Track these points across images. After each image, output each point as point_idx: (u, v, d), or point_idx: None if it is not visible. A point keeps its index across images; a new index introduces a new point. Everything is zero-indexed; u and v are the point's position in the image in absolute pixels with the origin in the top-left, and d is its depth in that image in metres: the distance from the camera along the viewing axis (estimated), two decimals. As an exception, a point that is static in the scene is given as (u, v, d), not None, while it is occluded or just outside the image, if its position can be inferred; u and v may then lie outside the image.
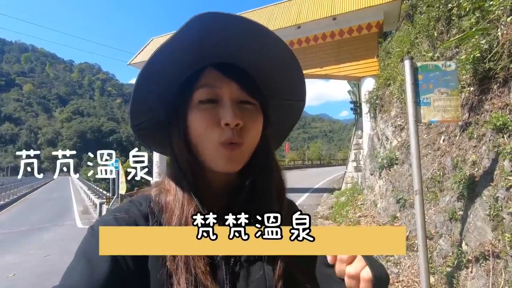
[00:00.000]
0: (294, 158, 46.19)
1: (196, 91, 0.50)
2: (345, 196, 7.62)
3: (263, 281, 0.49)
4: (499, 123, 2.38)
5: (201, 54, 0.49)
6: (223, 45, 0.48)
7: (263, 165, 0.55)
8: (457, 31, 3.57)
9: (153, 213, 0.50)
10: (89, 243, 0.46)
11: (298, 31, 10.22)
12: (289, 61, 0.53)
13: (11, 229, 10.39)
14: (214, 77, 0.50)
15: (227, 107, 0.48)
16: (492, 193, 2.30)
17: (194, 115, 0.50)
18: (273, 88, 0.58)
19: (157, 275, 0.45)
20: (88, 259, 0.43)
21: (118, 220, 0.48)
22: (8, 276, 5.16)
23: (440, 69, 2.49)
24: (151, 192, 0.55)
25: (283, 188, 0.58)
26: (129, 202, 0.53)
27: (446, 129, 3.43)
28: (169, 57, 0.47)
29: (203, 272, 0.46)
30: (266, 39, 0.49)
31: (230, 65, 0.52)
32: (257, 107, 0.53)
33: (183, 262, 0.46)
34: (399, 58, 5.68)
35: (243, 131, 0.50)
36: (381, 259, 3.45)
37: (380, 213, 4.77)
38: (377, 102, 6.48)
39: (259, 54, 0.51)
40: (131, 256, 0.45)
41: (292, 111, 0.63)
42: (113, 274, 0.42)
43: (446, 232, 2.85)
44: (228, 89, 0.50)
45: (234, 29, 0.45)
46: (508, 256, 2.05)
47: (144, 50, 14.33)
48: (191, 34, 0.44)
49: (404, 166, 4.32)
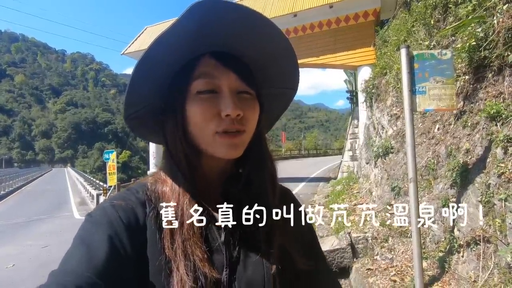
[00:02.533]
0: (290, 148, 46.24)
1: (194, 81, 0.50)
2: (341, 185, 7.70)
3: (261, 264, 0.51)
4: (493, 111, 2.41)
5: (197, 42, 0.49)
6: (219, 33, 0.48)
7: (257, 154, 0.56)
8: (453, 19, 3.56)
9: (150, 200, 0.51)
10: (87, 229, 0.46)
11: (294, 19, 10.09)
12: (284, 51, 0.53)
13: (9, 221, 10.39)
14: (212, 66, 0.50)
15: (227, 98, 0.49)
16: (484, 180, 2.35)
17: (193, 105, 0.49)
18: (267, 76, 0.58)
19: (155, 262, 0.46)
20: (87, 244, 0.43)
21: (115, 207, 0.48)
22: (7, 266, 5.20)
23: (436, 58, 2.50)
24: (147, 181, 0.55)
25: (275, 175, 0.59)
26: (126, 190, 0.54)
27: (441, 117, 3.46)
28: (166, 46, 0.46)
29: (200, 259, 0.47)
30: (262, 28, 0.48)
31: (227, 54, 0.51)
32: (254, 96, 0.53)
33: (181, 249, 0.47)
34: (396, 46, 5.66)
35: (243, 120, 0.50)
36: (375, 245, 3.54)
37: (375, 201, 4.85)
38: (373, 91, 6.48)
39: (255, 43, 0.51)
40: (129, 243, 0.45)
41: (283, 99, 0.64)
42: (112, 259, 0.43)
43: (439, 219, 2.92)
44: (227, 79, 0.50)
45: (230, 17, 0.45)
46: (498, 241, 2.12)
47: (138, 39, 14.07)
48: (189, 23, 0.44)
49: (399, 155, 4.37)
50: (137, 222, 0.48)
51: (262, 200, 0.54)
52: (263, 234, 0.53)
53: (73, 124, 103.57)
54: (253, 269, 0.50)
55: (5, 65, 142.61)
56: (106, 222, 0.46)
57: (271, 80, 0.59)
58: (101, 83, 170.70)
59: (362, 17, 9.37)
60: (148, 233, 0.48)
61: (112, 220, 0.46)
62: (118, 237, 0.45)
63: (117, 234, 0.45)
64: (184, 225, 0.48)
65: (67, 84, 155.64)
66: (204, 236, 0.50)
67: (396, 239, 3.44)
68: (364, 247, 3.60)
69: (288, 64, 0.56)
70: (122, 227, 0.46)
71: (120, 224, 0.46)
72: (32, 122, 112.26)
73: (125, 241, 0.45)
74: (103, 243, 0.43)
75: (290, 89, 0.61)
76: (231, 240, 0.51)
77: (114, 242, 0.44)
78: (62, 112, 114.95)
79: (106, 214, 0.48)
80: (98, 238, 0.44)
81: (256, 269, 0.50)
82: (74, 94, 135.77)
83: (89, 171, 66.68)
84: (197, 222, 0.49)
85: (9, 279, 4.62)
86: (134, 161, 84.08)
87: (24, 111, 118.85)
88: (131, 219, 0.48)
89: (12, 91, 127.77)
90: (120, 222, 0.47)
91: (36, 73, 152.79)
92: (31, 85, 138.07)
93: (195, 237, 0.48)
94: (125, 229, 0.46)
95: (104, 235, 0.44)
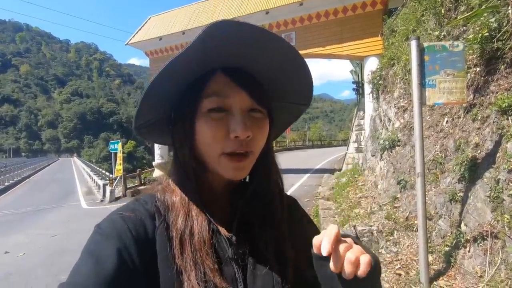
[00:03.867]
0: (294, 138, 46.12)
1: (205, 99, 0.49)
2: (346, 177, 7.68)
3: (270, 276, 0.51)
4: (505, 105, 2.35)
5: (209, 59, 0.48)
6: (231, 51, 0.47)
7: (265, 167, 0.56)
8: (465, 8, 3.45)
9: (159, 212, 0.51)
10: (96, 242, 0.46)
11: (300, 8, 9.90)
12: (297, 67, 0.52)
13: (18, 210, 10.62)
14: (224, 84, 0.49)
15: (238, 119, 0.48)
16: (493, 175, 2.32)
17: (203, 124, 0.49)
18: (280, 92, 0.57)
19: (167, 273, 0.46)
20: (95, 258, 0.43)
21: (125, 219, 0.48)
22: (18, 255, 5.34)
23: (447, 50, 2.44)
24: (155, 191, 0.55)
25: (281, 184, 0.59)
26: (135, 200, 0.54)
27: (449, 110, 3.40)
28: (179, 65, 0.46)
29: (211, 270, 0.46)
30: (274, 45, 0.47)
31: (239, 71, 0.50)
32: (265, 114, 0.52)
33: (191, 259, 0.46)
34: (404, 36, 5.53)
35: (251, 141, 0.50)
36: (381, 238, 3.54)
37: (381, 194, 4.83)
38: (380, 82, 6.38)
39: (267, 60, 0.50)
40: (138, 256, 0.45)
41: (294, 112, 0.63)
42: (121, 273, 0.42)
43: (445, 213, 2.90)
44: (239, 98, 0.49)
45: (242, 35, 0.44)
46: (506, 237, 2.10)
47: (142, 29, 13.98)
48: (201, 42, 0.43)
49: (406, 148, 4.33)
50: (146, 234, 0.48)
51: (269, 211, 0.54)
52: (271, 245, 0.53)
53: (79, 114, 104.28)
54: (263, 281, 0.50)
55: (10, 55, 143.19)
56: (115, 234, 0.46)
57: (285, 95, 0.58)
58: (105, 73, 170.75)
59: (369, 6, 9.16)
60: (157, 245, 0.48)
61: (121, 233, 0.46)
62: (127, 250, 0.45)
63: (126, 247, 0.45)
64: (194, 235, 0.48)
65: (72, 74, 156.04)
66: (214, 247, 0.49)
67: (402, 232, 3.44)
68: (369, 240, 3.61)
69: (302, 81, 0.55)
70: (131, 240, 0.46)
71: (129, 236, 0.46)
72: (38, 112, 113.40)
73: (134, 254, 0.45)
74: (112, 257, 0.43)
75: (303, 104, 0.61)
76: (240, 252, 0.51)
77: (123, 256, 0.44)
78: (67, 102, 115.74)
79: (115, 226, 0.47)
80: (107, 252, 0.44)
81: (266, 281, 0.50)
82: (79, 84, 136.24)
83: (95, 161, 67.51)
84: (207, 233, 0.49)
85: (21, 268, 4.74)
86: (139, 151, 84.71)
87: (30, 101, 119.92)
88: (140, 231, 0.48)
89: (18, 81, 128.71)
90: (129, 235, 0.46)
91: (41, 63, 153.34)
92: (36, 75, 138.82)
93: (205, 247, 0.48)
94: (135, 242, 0.46)
95: (113, 248, 0.44)
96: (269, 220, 0.54)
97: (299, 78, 0.55)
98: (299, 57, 0.51)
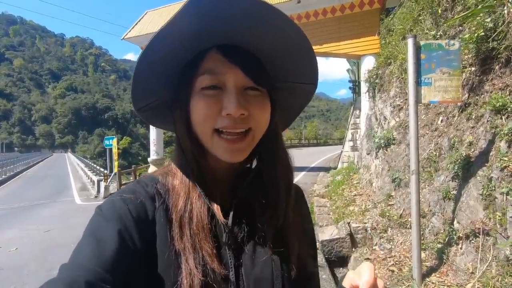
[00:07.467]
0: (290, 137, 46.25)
1: (199, 77, 0.48)
2: (341, 175, 7.72)
3: (269, 262, 0.50)
4: (499, 104, 2.38)
5: (204, 35, 0.46)
6: (228, 26, 0.45)
7: (270, 150, 0.55)
8: (462, 8, 3.47)
9: (159, 194, 0.51)
10: (97, 223, 0.46)
11: (298, 6, 9.86)
12: (300, 43, 0.50)
13: (11, 205, 10.49)
14: (218, 61, 0.48)
15: (231, 96, 0.47)
16: (486, 173, 2.35)
17: (196, 102, 0.48)
18: (283, 71, 0.55)
19: (165, 255, 0.46)
20: (97, 239, 0.43)
21: (125, 201, 0.48)
22: (10, 250, 5.28)
23: (443, 48, 2.45)
24: (157, 174, 0.55)
25: (290, 172, 0.57)
26: (136, 183, 0.53)
27: (444, 109, 3.43)
28: (170, 39, 0.44)
29: (209, 254, 0.46)
30: (275, 20, 0.45)
31: (235, 48, 0.49)
32: (264, 93, 0.50)
33: (189, 243, 0.46)
34: (401, 36, 5.56)
35: (249, 119, 0.48)
36: (375, 235, 3.57)
37: (375, 192, 4.87)
38: (377, 81, 6.40)
39: (267, 36, 0.48)
40: (139, 237, 0.45)
41: (303, 93, 0.60)
42: (121, 254, 0.43)
43: (439, 211, 2.93)
44: (233, 75, 0.47)
45: (240, 9, 0.42)
46: (498, 234, 2.13)
47: (139, 24, 13.82)
48: (193, 14, 0.41)
49: (401, 146, 4.36)
50: (146, 216, 0.48)
51: (272, 197, 0.53)
52: (273, 232, 0.52)
53: (73, 109, 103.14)
54: (262, 267, 0.50)
55: (3, 49, 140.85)
56: (116, 216, 0.46)
57: (289, 75, 0.56)
58: (101, 69, 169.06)
59: (367, 5, 9.16)
60: (157, 227, 0.48)
61: (121, 214, 0.46)
62: (128, 231, 0.45)
63: (127, 228, 0.45)
64: (193, 219, 0.48)
65: (67, 69, 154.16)
66: (212, 232, 0.49)
67: (395, 229, 3.48)
68: (363, 237, 3.64)
69: (305, 58, 0.53)
70: (132, 221, 0.46)
71: (129, 218, 0.46)
72: (32, 107, 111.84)
73: (135, 235, 0.45)
74: (113, 238, 0.43)
75: (309, 83, 0.58)
76: (237, 237, 0.51)
77: (123, 237, 0.44)
78: (62, 97, 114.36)
79: (116, 208, 0.47)
80: (108, 233, 0.44)
81: (265, 267, 0.50)
82: (74, 79, 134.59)
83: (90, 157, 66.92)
84: (206, 217, 0.49)
85: (13, 263, 4.69)
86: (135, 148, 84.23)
87: (23, 95, 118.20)
88: (140, 212, 0.48)
89: (11, 75, 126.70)
90: (130, 216, 0.46)
91: (35, 57, 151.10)
92: (30, 69, 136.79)
93: (204, 232, 0.48)
94: (135, 223, 0.46)
95: (114, 229, 0.44)
96: (271, 207, 0.53)
97: (303, 57, 0.53)
98: (302, 35, 0.49)
